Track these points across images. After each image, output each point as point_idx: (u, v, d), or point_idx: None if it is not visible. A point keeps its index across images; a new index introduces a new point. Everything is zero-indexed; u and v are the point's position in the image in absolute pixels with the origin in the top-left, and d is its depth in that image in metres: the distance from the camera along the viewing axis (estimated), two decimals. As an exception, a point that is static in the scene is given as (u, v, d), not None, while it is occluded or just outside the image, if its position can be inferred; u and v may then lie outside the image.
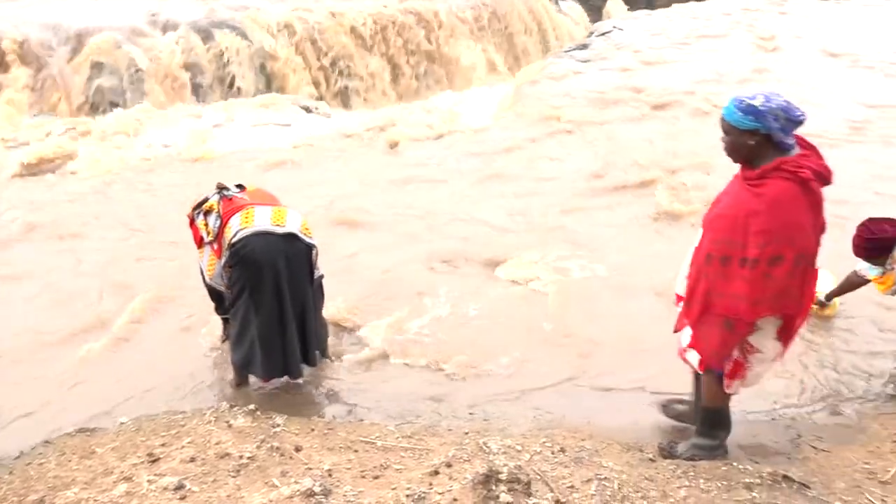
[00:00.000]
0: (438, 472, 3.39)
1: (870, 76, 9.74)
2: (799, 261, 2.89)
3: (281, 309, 3.93)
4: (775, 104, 2.85)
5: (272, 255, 3.84)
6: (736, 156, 3.03)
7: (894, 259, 3.92)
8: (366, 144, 8.36)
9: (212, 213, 3.98)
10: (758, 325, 3.12)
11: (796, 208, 2.82)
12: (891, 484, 3.38)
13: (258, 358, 3.99)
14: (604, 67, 10.50)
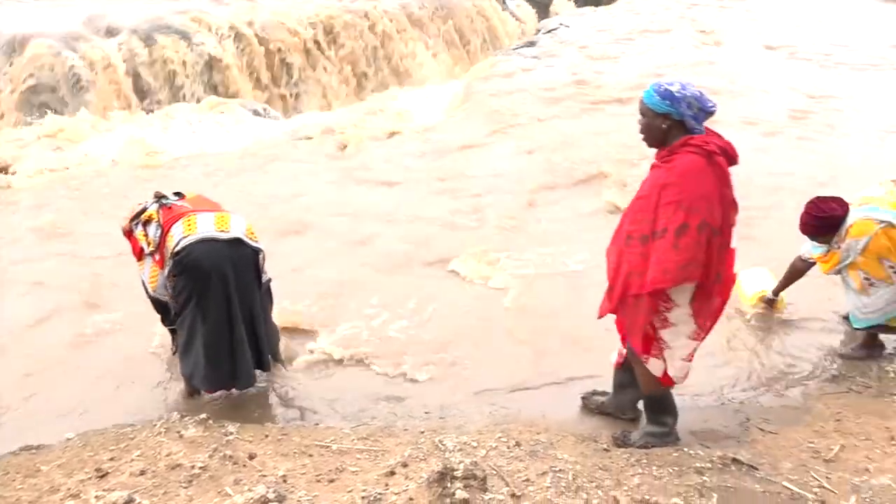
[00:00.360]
0: (394, 473, 3.38)
1: (806, 67, 10.02)
2: (702, 228, 2.98)
3: (230, 316, 3.86)
4: (689, 93, 3.04)
5: (218, 262, 3.77)
6: (650, 137, 3.19)
7: (841, 237, 3.99)
8: (316, 147, 8.29)
9: (151, 222, 3.87)
10: (671, 298, 3.16)
11: (702, 179, 2.97)
12: (834, 462, 3.49)
13: (204, 369, 3.91)
14: (551, 64, 10.60)
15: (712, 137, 3.08)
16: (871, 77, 9.50)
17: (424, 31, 12.04)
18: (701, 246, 3.00)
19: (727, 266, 3.18)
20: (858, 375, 4.25)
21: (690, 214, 2.98)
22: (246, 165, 7.79)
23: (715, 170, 3.01)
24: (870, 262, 3.96)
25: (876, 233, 3.88)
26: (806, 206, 4.07)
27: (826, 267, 4.16)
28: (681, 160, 3.02)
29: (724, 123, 8.23)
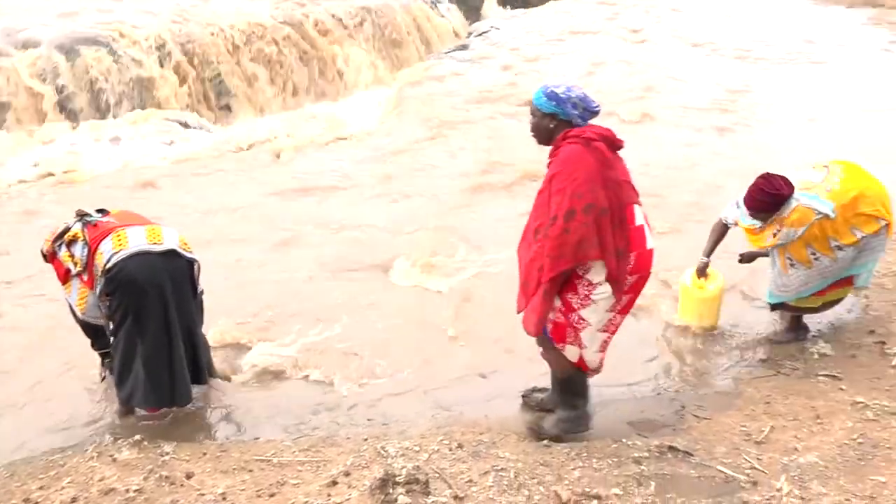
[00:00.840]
0: (337, 483, 3.36)
1: (729, 63, 10.36)
2: (588, 210, 3.11)
3: (168, 332, 3.78)
4: (574, 94, 3.25)
5: (153, 276, 3.68)
6: (539, 135, 3.37)
7: (780, 220, 4.05)
8: (250, 157, 8.17)
9: (77, 242, 3.74)
10: (590, 281, 3.24)
11: (583, 164, 3.11)
12: (765, 443, 3.61)
13: (144, 388, 3.81)
14: (484, 66, 10.69)
15: (591, 127, 3.25)
16: (788, 71, 9.88)
17: (356, 38, 11.98)
18: (590, 226, 3.13)
19: (632, 242, 3.25)
20: (785, 359, 4.40)
21: (575, 199, 3.11)
22: (177, 178, 7.61)
23: (595, 154, 3.16)
24: (797, 247, 4.10)
25: (812, 223, 4.01)
26: (756, 181, 4.10)
27: (757, 242, 4.24)
28: (563, 151, 3.20)
29: (651, 118, 8.49)
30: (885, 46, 10.52)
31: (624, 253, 3.22)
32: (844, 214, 4.04)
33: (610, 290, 3.29)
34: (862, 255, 4.19)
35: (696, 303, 4.56)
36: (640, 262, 3.30)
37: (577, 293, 3.31)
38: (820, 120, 8.17)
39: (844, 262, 4.16)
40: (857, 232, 4.07)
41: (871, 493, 3.16)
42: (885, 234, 4.19)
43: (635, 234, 3.28)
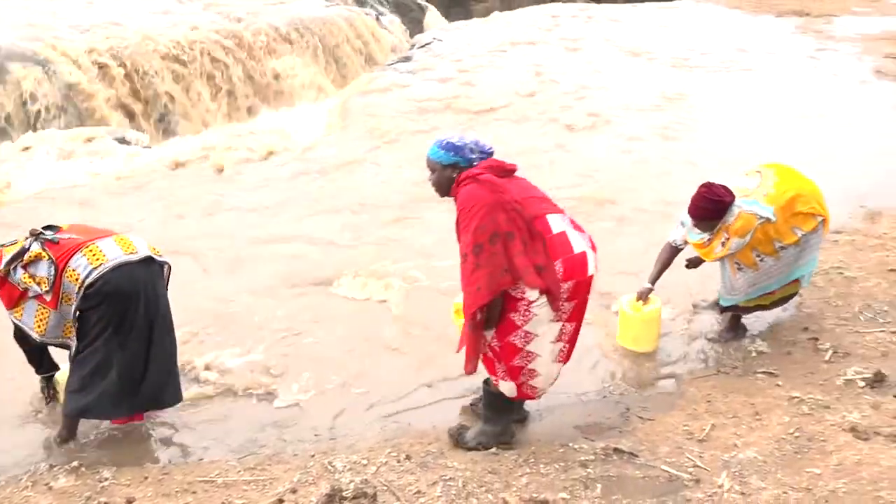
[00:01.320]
0: (283, 501, 3.32)
1: (664, 71, 10.62)
2: (494, 240, 3.20)
3: (151, 337, 3.77)
4: (469, 140, 3.39)
5: (137, 285, 3.67)
6: (441, 190, 3.49)
7: (726, 227, 4.15)
8: (190, 172, 8.00)
9: (40, 261, 3.60)
10: (521, 300, 3.28)
11: (478, 200, 3.20)
12: (707, 441, 3.70)
13: (114, 398, 3.74)
14: (427, 78, 10.72)
15: (479, 164, 3.34)
16: (722, 78, 10.19)
17: (298, 50, 11.91)
18: (499, 255, 3.20)
19: (554, 251, 3.27)
20: (725, 357, 4.52)
21: (479, 233, 3.19)
22: (115, 195, 7.43)
23: (485, 186, 3.24)
24: (744, 252, 4.22)
25: (756, 228, 4.13)
26: (698, 190, 4.19)
27: (708, 256, 4.31)
28: (460, 195, 3.31)
29: (590, 126, 8.64)
30: (811, 54, 10.94)
31: (546, 266, 3.25)
32: (784, 215, 4.19)
33: (547, 301, 3.32)
34: (804, 254, 4.34)
35: (633, 326, 4.58)
36: (569, 268, 3.32)
37: (517, 311, 3.33)
38: (752, 125, 8.44)
39: (788, 261, 4.30)
40: (797, 231, 4.23)
41: (808, 484, 3.26)
42: (822, 230, 4.38)
43: (557, 241, 3.31)
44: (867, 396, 3.89)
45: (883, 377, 3.98)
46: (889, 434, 3.52)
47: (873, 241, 5.63)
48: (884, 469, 3.27)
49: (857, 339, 4.45)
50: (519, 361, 3.41)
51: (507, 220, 3.21)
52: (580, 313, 3.54)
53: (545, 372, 3.50)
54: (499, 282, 3.21)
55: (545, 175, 7.40)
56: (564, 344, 3.55)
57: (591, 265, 3.39)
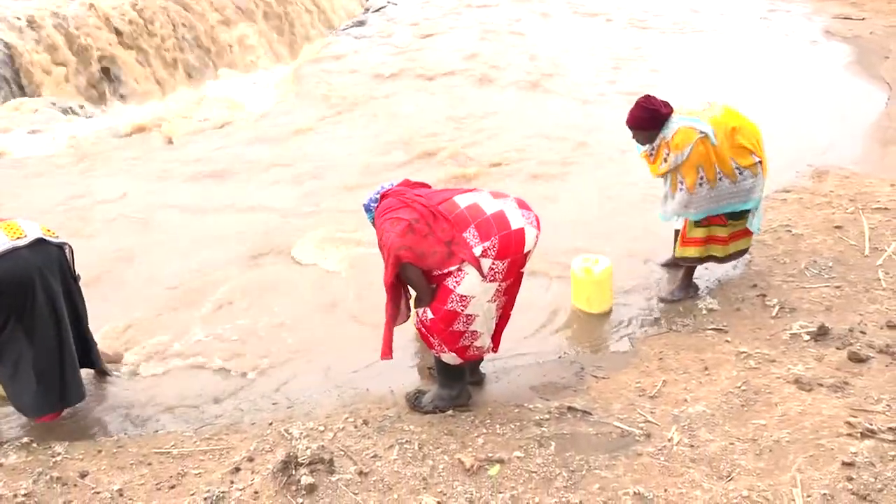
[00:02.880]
0: (240, 469, 3.32)
1: (621, 32, 10.63)
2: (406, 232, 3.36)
3: (58, 326, 3.62)
4: (372, 197, 3.71)
5: (29, 272, 3.49)
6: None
7: (665, 142, 4.24)
8: (139, 142, 7.81)
9: None
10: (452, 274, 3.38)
11: (387, 210, 3.51)
12: (658, 397, 3.78)
13: (35, 394, 3.62)
14: (382, 42, 10.57)
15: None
16: (676, 39, 10.23)
17: (249, 15, 11.60)
18: (405, 234, 3.37)
19: (487, 229, 3.35)
20: (677, 316, 4.61)
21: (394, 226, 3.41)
22: (62, 168, 7.22)
23: (390, 199, 3.57)
24: (688, 170, 4.25)
25: (696, 141, 4.19)
26: (637, 101, 4.33)
27: (653, 168, 4.43)
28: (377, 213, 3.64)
29: (545, 88, 8.63)
30: (762, 14, 11.01)
31: (453, 240, 3.35)
32: (725, 143, 4.26)
33: (478, 277, 3.36)
34: (740, 194, 4.37)
35: (585, 288, 4.65)
36: (505, 244, 3.36)
37: (451, 275, 3.38)
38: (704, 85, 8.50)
39: (723, 192, 4.32)
40: (733, 162, 4.29)
41: (753, 435, 3.37)
42: (762, 175, 4.41)
43: (493, 219, 3.37)
44: (811, 349, 4.01)
45: (826, 330, 4.10)
46: (831, 385, 3.64)
47: (819, 199, 5.76)
48: (825, 418, 3.39)
49: (803, 295, 4.57)
50: (459, 326, 3.44)
51: (410, 212, 3.42)
52: (516, 285, 3.61)
53: (486, 330, 3.55)
54: (402, 254, 3.36)
55: (503, 135, 7.43)
56: (501, 303, 3.58)
57: (528, 241, 3.43)
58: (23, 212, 5.43)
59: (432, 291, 3.45)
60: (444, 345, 3.49)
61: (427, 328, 3.49)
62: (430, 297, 3.45)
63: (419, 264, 3.37)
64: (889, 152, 6.68)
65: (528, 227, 3.43)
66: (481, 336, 3.53)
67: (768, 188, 5.99)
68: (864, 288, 4.58)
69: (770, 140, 4.64)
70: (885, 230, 5.18)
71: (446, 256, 3.35)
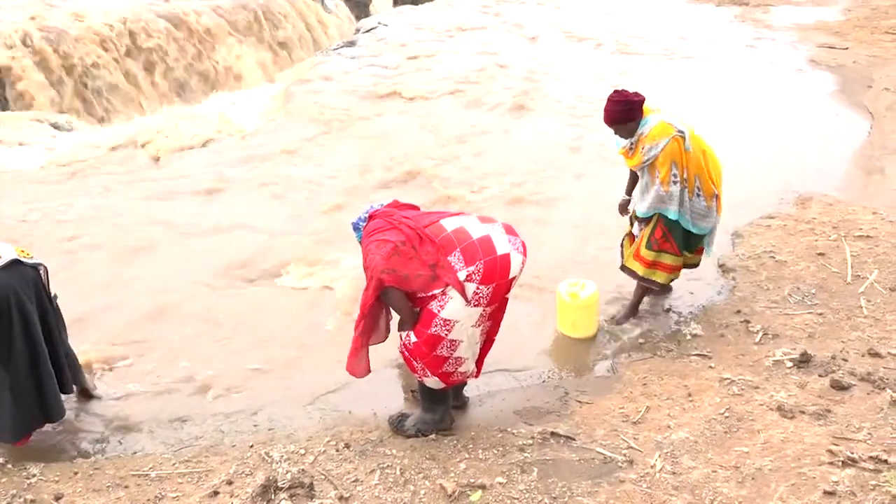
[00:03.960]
0: (218, 492, 3.28)
1: (608, 57, 10.73)
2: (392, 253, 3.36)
3: (34, 349, 3.57)
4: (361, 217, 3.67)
5: (6, 291, 3.44)
6: None
7: (643, 137, 4.28)
8: (126, 158, 7.76)
9: None
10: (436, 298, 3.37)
11: (375, 230, 3.49)
12: (641, 423, 3.78)
13: (11, 418, 3.56)
14: (372, 63, 10.60)
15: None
16: (665, 65, 10.34)
17: (240, 33, 11.65)
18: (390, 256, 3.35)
19: (472, 254, 3.35)
20: (661, 341, 4.61)
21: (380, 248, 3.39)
22: (47, 184, 7.16)
23: (377, 220, 3.55)
24: (663, 165, 4.26)
25: (672, 137, 4.22)
26: (608, 97, 4.38)
27: (630, 162, 4.47)
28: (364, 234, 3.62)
29: (533, 111, 8.68)
30: (749, 42, 11.15)
31: (437, 263, 3.34)
32: (697, 156, 4.29)
33: (462, 301, 3.35)
34: (694, 215, 4.37)
35: (571, 312, 4.64)
36: (490, 270, 3.35)
37: (435, 299, 3.37)
38: (691, 111, 8.58)
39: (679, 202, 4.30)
40: (697, 181, 4.31)
41: (736, 462, 3.36)
42: (716, 210, 4.44)
43: (479, 244, 3.37)
44: (794, 376, 4.03)
45: (809, 357, 4.12)
46: (813, 412, 3.65)
47: (803, 225, 5.81)
48: (807, 446, 3.40)
49: (787, 322, 4.59)
50: (443, 351, 3.42)
51: (396, 234, 3.41)
52: (501, 311, 3.61)
53: (471, 355, 3.53)
54: (386, 277, 3.34)
55: (490, 158, 7.46)
56: (485, 328, 3.57)
57: (514, 267, 3.42)
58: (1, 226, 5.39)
59: (415, 315, 3.44)
60: (428, 369, 3.47)
61: (410, 352, 3.47)
62: (413, 320, 3.44)
63: (403, 287, 3.36)
64: (872, 181, 6.76)
65: (514, 253, 3.42)
66: (465, 361, 3.51)
67: (752, 213, 6.09)
68: (846, 315, 4.61)
69: (755, 166, 4.70)
70: (867, 258, 5.23)
71: (430, 279, 3.34)
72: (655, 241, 4.47)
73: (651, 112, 4.36)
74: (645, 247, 4.52)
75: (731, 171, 6.87)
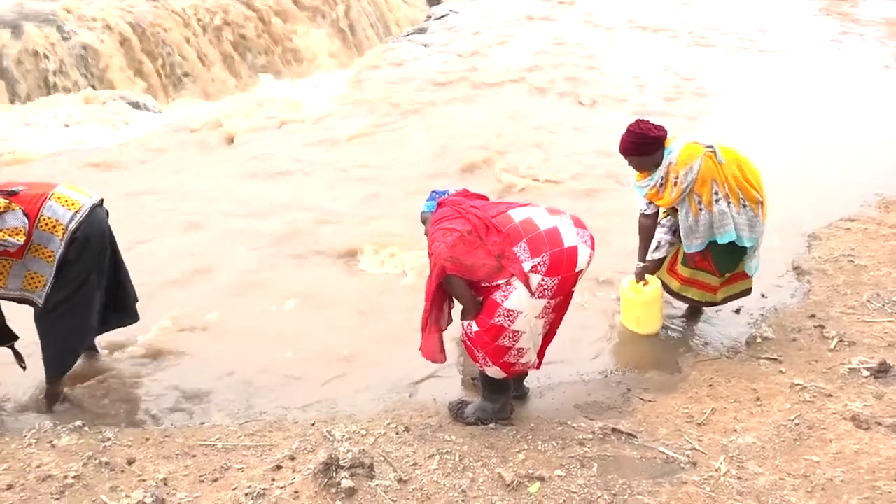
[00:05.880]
0: (281, 467, 3.35)
1: (683, 50, 10.46)
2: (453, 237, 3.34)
3: (117, 272, 4.02)
4: (429, 204, 3.69)
5: (104, 225, 3.86)
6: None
7: (671, 167, 4.02)
8: (201, 138, 7.99)
9: (9, 212, 3.51)
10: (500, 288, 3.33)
11: (443, 219, 3.48)
12: (706, 425, 3.69)
13: (92, 331, 3.99)
14: (442, 50, 10.61)
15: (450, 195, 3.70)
16: (741, 59, 10.01)
17: (313, 19, 11.80)
18: (456, 245, 3.33)
19: (538, 245, 3.31)
20: (729, 342, 4.49)
21: (446, 236, 3.38)
22: (126, 160, 7.44)
23: (446, 208, 3.55)
24: (703, 186, 4.00)
25: (704, 155, 3.98)
26: (628, 127, 4.12)
27: (663, 202, 4.15)
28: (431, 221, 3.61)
29: (601, 103, 8.54)
30: (833, 37, 10.72)
31: (503, 254, 3.31)
32: (732, 167, 4.02)
33: (526, 292, 3.31)
34: (741, 225, 4.07)
35: (635, 308, 4.52)
36: (556, 262, 3.30)
37: (499, 289, 3.34)
38: (768, 108, 8.31)
39: (728, 221, 4.03)
40: (740, 193, 4.03)
41: (805, 472, 3.26)
42: (762, 218, 4.12)
43: (546, 236, 3.33)
44: (870, 386, 3.86)
45: (888, 367, 3.94)
46: (890, 424, 3.50)
47: (886, 229, 5.56)
48: (883, 459, 3.26)
49: (864, 329, 4.41)
50: (505, 341, 3.40)
51: (463, 223, 3.39)
52: (565, 304, 3.55)
53: (532, 346, 3.50)
54: (449, 266, 3.32)
55: (559, 148, 7.38)
56: (549, 320, 3.53)
57: (581, 260, 3.36)
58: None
59: (478, 304, 3.43)
60: (489, 358, 3.47)
61: (472, 341, 3.47)
62: (475, 309, 3.43)
63: (466, 276, 3.35)
64: (962, 185, 6.42)
65: (582, 246, 3.37)
66: (527, 352, 3.49)
67: (831, 215, 5.86)
68: (930, 325, 4.40)
69: (836, 166, 4.50)
70: (954, 266, 4.98)
71: (495, 270, 3.32)
72: (692, 259, 4.25)
73: (672, 140, 4.12)
74: (681, 262, 4.35)
75: (810, 171, 6.68)
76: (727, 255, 4.20)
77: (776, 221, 5.83)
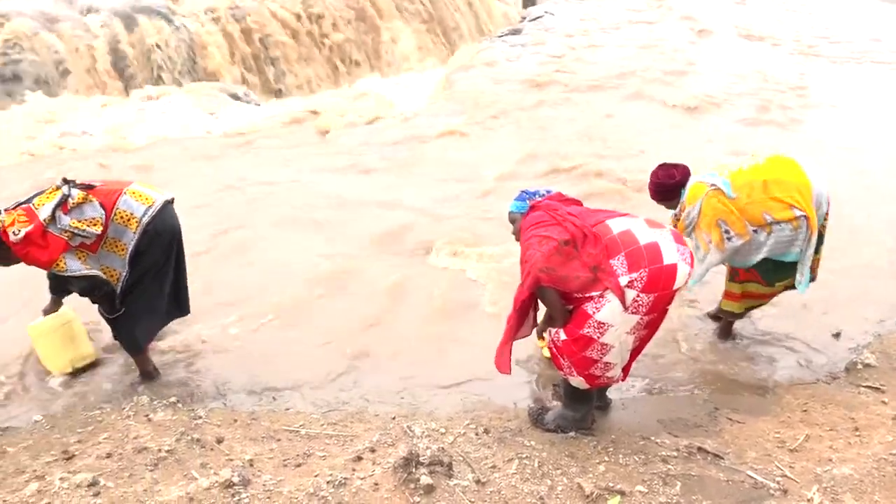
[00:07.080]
0: (362, 458, 3.39)
1: (787, 58, 10.05)
2: (558, 245, 3.28)
3: (179, 264, 4.15)
4: (518, 205, 3.63)
5: (175, 221, 4.02)
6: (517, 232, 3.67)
7: (683, 205, 4.07)
8: (296, 132, 8.23)
9: (87, 204, 3.67)
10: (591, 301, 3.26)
11: (537, 222, 3.43)
12: (799, 451, 3.53)
13: (146, 333, 4.11)
14: (536, 52, 10.56)
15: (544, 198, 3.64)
16: (850, 69, 9.55)
17: (408, 18, 11.96)
18: (551, 255, 3.27)
19: (637, 260, 3.21)
20: (827, 367, 4.29)
21: (542, 244, 3.32)
22: (225, 150, 7.72)
23: (541, 213, 3.49)
24: (708, 225, 3.97)
25: (706, 195, 3.94)
26: (651, 174, 4.19)
27: (681, 230, 4.12)
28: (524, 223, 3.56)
29: (697, 110, 8.30)
30: (956, 49, 10.11)
31: (600, 266, 3.23)
32: (753, 197, 3.91)
33: (620, 307, 3.23)
34: (778, 246, 3.97)
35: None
36: (654, 278, 3.20)
37: (591, 301, 3.27)
38: (874, 124, 7.89)
39: (757, 245, 3.97)
40: (767, 216, 3.90)
41: (907, 510, 3.07)
42: (806, 230, 3.94)
43: (646, 251, 3.23)
44: (984, 424, 3.61)
45: None
46: None
47: None
48: None
49: (979, 362, 4.13)
50: (593, 353, 3.33)
51: (560, 231, 3.34)
52: (659, 320, 3.44)
53: (620, 361, 3.42)
54: (543, 276, 3.26)
55: (653, 155, 7.21)
56: (639, 335, 3.43)
57: (680, 278, 3.25)
58: (180, 188, 5.84)
59: (567, 314, 3.37)
60: (574, 368, 3.41)
61: (558, 349, 3.42)
62: (564, 319, 3.38)
63: (559, 287, 3.29)
64: None
65: (682, 264, 3.26)
66: (614, 367, 3.41)
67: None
68: None
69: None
70: None
71: (590, 282, 3.25)
72: (737, 273, 4.21)
73: (693, 176, 4.10)
74: (728, 280, 4.29)
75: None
76: (776, 269, 4.12)
77: (889, 243, 5.56)
